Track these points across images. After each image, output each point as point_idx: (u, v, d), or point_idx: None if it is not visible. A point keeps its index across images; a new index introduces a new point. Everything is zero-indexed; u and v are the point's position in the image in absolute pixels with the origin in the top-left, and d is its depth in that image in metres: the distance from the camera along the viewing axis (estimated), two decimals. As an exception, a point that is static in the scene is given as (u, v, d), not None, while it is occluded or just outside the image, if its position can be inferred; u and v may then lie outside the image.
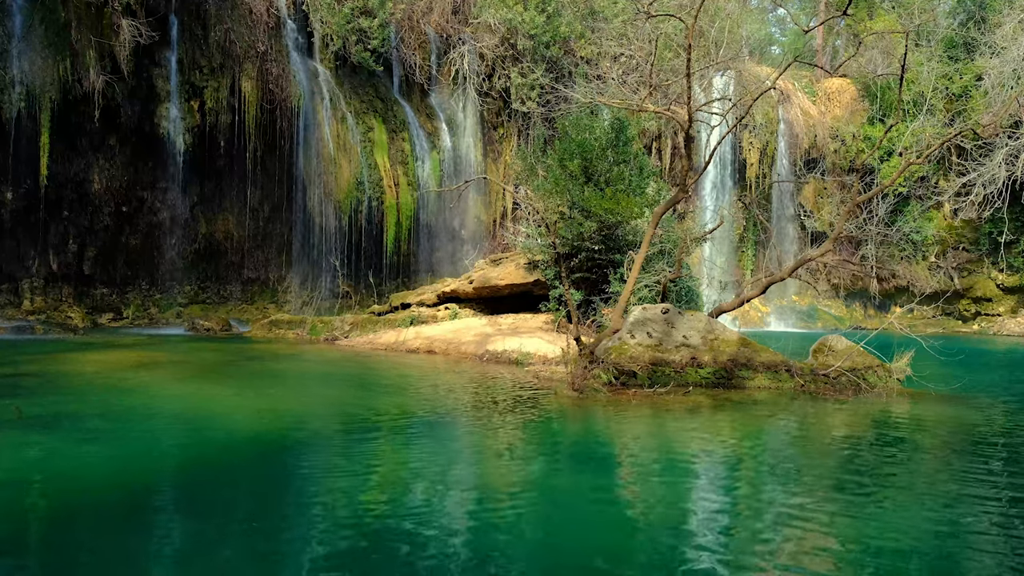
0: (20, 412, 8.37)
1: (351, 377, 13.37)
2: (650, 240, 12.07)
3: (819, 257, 13.36)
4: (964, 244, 30.66)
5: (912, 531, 5.23)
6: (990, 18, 28.82)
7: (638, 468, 7.08)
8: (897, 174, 12.94)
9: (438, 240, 27.47)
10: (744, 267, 31.76)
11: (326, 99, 25.05)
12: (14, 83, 20.14)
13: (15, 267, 22.31)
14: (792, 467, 7.17)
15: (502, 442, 7.92)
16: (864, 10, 34.89)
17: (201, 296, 25.37)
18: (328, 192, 24.88)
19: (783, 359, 11.94)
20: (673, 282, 14.76)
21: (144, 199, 23.86)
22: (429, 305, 20.70)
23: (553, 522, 5.40)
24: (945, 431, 9.00)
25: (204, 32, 23.10)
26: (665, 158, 30.29)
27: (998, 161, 24.28)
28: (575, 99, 20.39)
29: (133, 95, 22.27)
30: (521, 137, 28.90)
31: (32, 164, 20.92)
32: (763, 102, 30.12)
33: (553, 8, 28.01)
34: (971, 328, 29.69)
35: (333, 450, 7.48)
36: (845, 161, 31.45)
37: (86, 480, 6.15)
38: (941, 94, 29.21)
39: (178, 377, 12.31)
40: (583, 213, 17.05)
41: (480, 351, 15.65)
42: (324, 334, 19.61)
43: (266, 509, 5.59)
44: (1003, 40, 26.44)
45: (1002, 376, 15.72)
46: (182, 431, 8.25)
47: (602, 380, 11.02)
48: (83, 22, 20.78)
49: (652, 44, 17.06)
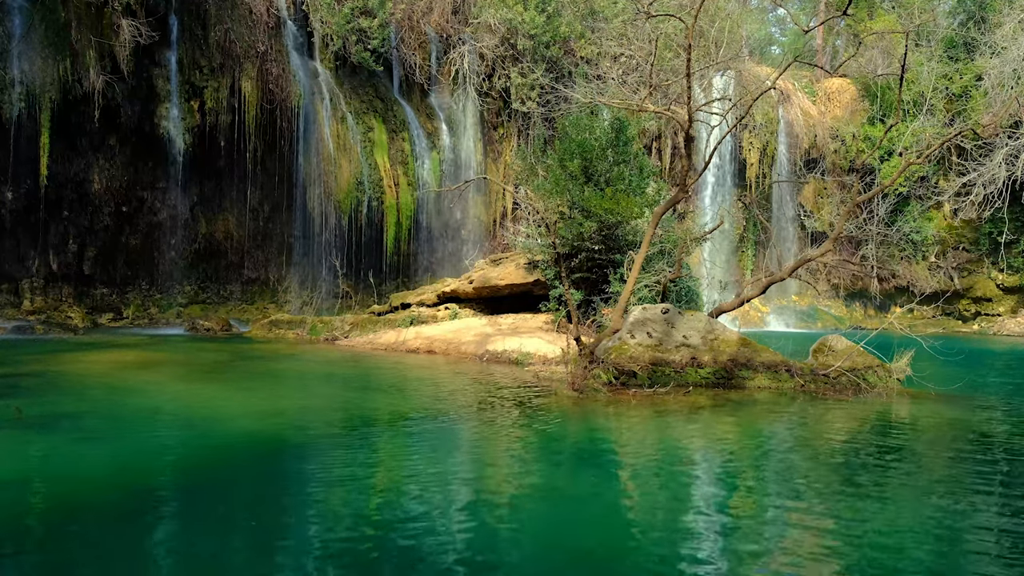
0: (20, 412, 8.37)
1: (351, 377, 13.37)
2: (650, 240, 12.07)
3: (819, 257, 13.37)
4: (964, 244, 30.66)
5: (912, 531, 5.23)
6: (990, 18, 28.82)
7: (638, 468, 7.08)
8: (897, 174, 12.94)
9: (438, 240, 27.47)
10: (744, 267, 31.76)
11: (326, 99, 25.05)
12: (14, 83, 20.14)
13: (15, 267, 22.31)
14: (792, 467, 7.17)
15: (502, 442, 7.92)
16: (864, 10, 34.88)
17: (201, 296, 25.36)
18: (328, 192, 24.88)
19: (783, 359, 11.94)
20: (673, 282, 14.76)
21: (144, 199, 23.86)
22: (429, 305, 20.70)
23: (553, 522, 5.40)
24: (945, 431, 9.00)
25: (204, 32, 23.10)
26: (665, 158, 30.29)
27: (998, 161, 24.27)
28: (575, 99, 20.38)
29: (133, 95, 22.26)
30: (521, 137, 28.90)
31: (32, 164, 20.92)
32: (763, 102, 30.12)
33: (553, 8, 28.00)
34: (971, 328, 29.69)
35: (333, 450, 7.48)
36: (845, 161, 31.45)
37: (86, 480, 6.14)
38: (941, 94, 29.21)
39: (178, 377, 12.31)
40: (583, 213, 17.05)
41: (480, 351, 15.65)
42: (324, 334, 19.61)
43: (266, 509, 5.59)
44: (1003, 40, 26.44)
45: (1002, 376, 15.72)
46: (182, 431, 8.25)
47: (602, 380, 11.03)
48: (83, 22, 20.78)
49: (652, 44, 17.05)
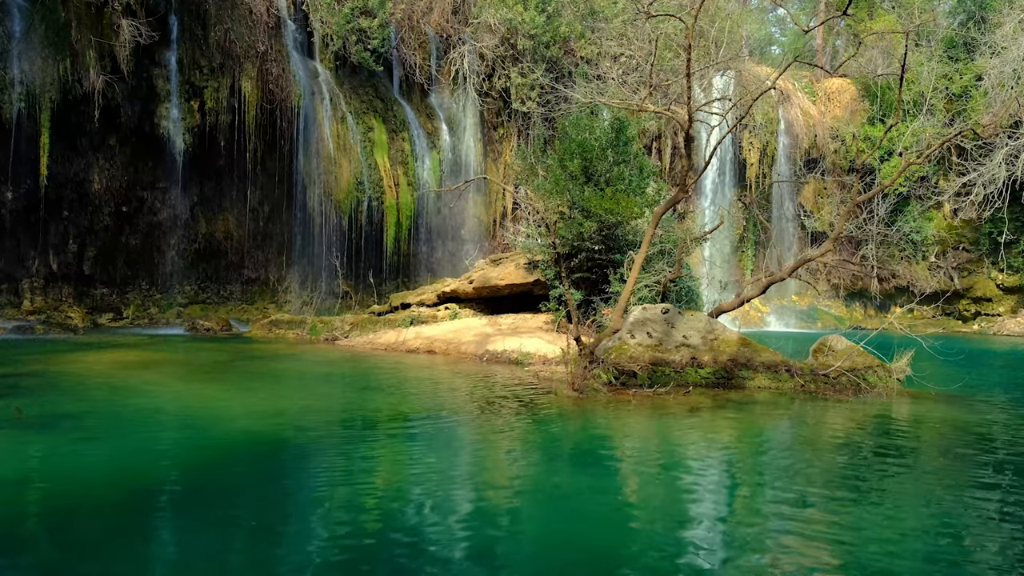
0: (20, 412, 8.37)
1: (351, 377, 13.37)
2: (650, 240, 12.07)
3: (819, 257, 13.37)
4: (964, 244, 30.66)
5: (912, 531, 5.23)
6: (990, 18, 28.82)
7: (638, 468, 7.08)
8: (897, 174, 12.94)
9: (438, 240, 27.46)
10: (744, 267, 31.76)
11: (326, 99, 25.04)
12: (14, 83, 20.14)
13: (15, 267, 22.31)
14: (792, 467, 7.17)
15: (502, 442, 7.92)
16: (864, 10, 34.88)
17: (201, 296, 25.36)
18: (328, 192, 24.87)
19: (783, 359, 11.94)
20: (673, 282, 14.76)
21: (144, 199, 23.86)
22: (429, 305, 20.70)
23: (553, 522, 5.40)
24: (945, 431, 9.00)
25: (204, 32, 23.10)
26: (665, 158, 30.29)
27: (998, 161, 24.28)
28: (575, 99, 20.38)
29: (133, 95, 22.26)
30: (521, 137, 28.90)
31: (32, 164, 20.92)
32: (763, 102, 30.12)
33: (553, 8, 28.00)
34: (971, 328, 29.69)
35: (333, 450, 7.48)
36: (845, 161, 31.45)
37: (86, 480, 6.14)
38: (941, 94, 29.21)
39: (178, 377, 12.31)
40: (583, 213, 17.05)
41: (480, 351, 15.65)
42: (324, 334, 19.61)
43: (266, 509, 5.59)
44: (1003, 40, 26.44)
45: (1002, 376, 15.72)
46: (182, 431, 8.25)
47: (602, 380, 11.02)
48: (83, 22, 20.78)
49: (652, 44, 17.06)
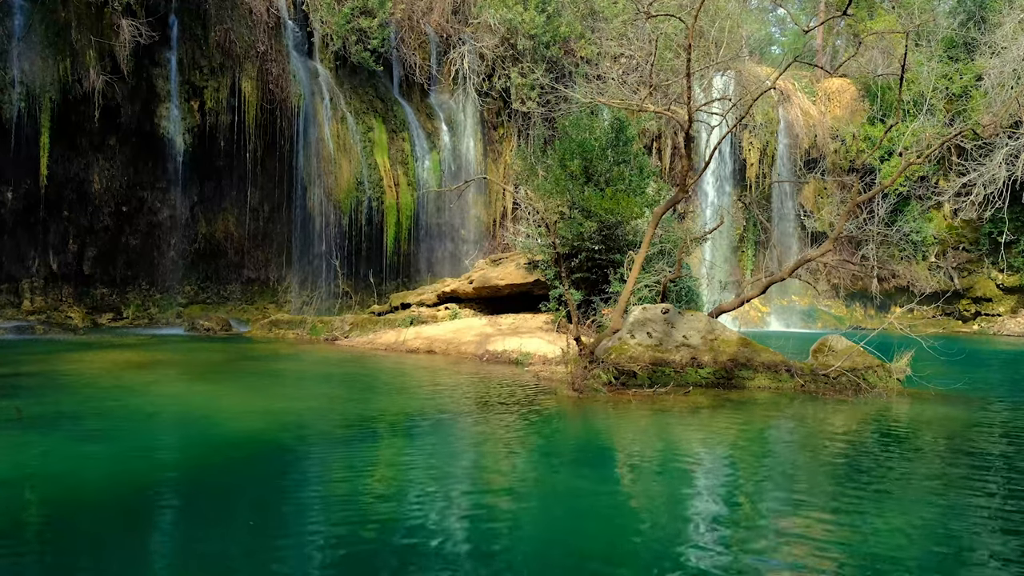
0: (20, 412, 8.37)
1: (351, 377, 13.37)
2: (650, 240, 12.07)
3: (819, 257, 13.37)
4: (964, 244, 30.64)
5: (912, 531, 5.23)
6: (990, 18, 28.80)
7: (638, 468, 7.08)
8: (897, 174, 12.94)
9: (438, 240, 27.44)
10: (744, 267, 31.75)
11: (326, 99, 25.04)
12: (14, 83, 20.14)
13: (15, 267, 22.31)
14: (792, 467, 7.17)
15: (502, 442, 7.92)
16: (864, 10, 34.88)
17: (201, 296, 25.36)
18: (328, 192, 24.87)
19: (783, 359, 11.93)
20: (673, 282, 14.76)
21: (144, 199, 23.86)
22: (429, 305, 20.70)
23: (553, 522, 5.40)
24: (945, 431, 9.00)
25: (204, 32, 23.09)
26: (665, 158, 30.28)
27: (998, 161, 24.26)
28: (575, 99, 20.38)
29: (133, 95, 22.26)
30: (521, 137, 28.89)
31: (32, 164, 20.91)
32: (763, 102, 30.10)
33: (553, 8, 27.99)
34: (971, 328, 29.68)
35: (333, 450, 7.48)
36: (845, 161, 31.43)
37: (86, 480, 6.15)
38: (941, 94, 29.19)
39: (178, 377, 12.31)
40: (583, 213, 17.05)
41: (480, 351, 15.65)
42: (324, 334, 19.61)
43: (265, 509, 5.59)
44: (1003, 40, 26.43)
45: (1002, 376, 15.72)
46: (182, 431, 8.26)
47: (602, 380, 11.02)
48: (83, 22, 20.77)
49: (652, 44, 17.08)
